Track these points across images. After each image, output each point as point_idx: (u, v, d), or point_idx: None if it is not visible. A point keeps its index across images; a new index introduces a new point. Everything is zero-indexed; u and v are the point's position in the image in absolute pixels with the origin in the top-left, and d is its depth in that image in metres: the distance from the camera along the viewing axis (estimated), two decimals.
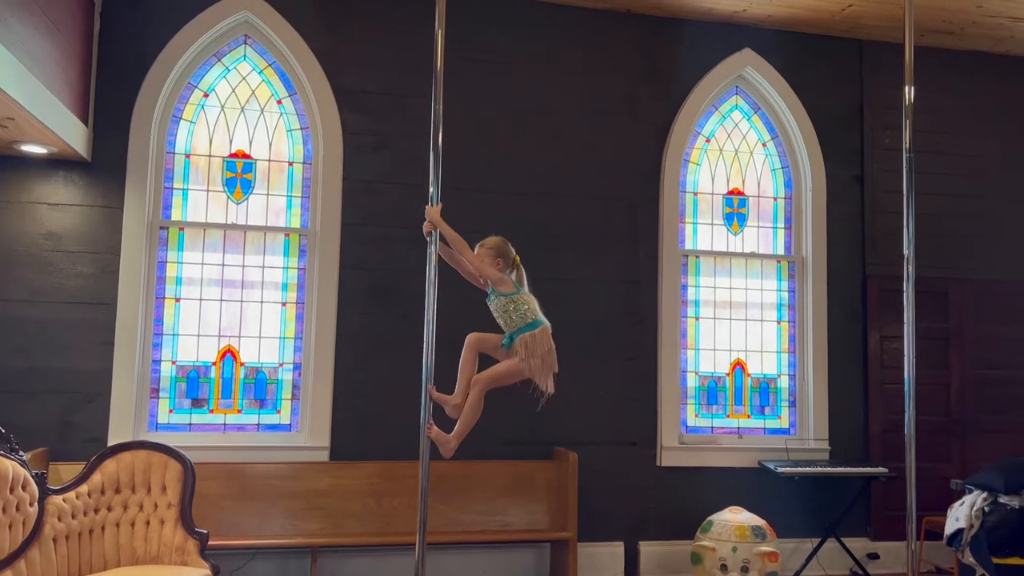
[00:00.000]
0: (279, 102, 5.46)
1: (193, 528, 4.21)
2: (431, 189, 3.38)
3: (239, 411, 5.23)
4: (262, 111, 5.44)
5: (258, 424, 5.25)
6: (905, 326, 3.85)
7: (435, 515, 5.14)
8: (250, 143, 5.41)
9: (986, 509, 4.92)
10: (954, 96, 6.38)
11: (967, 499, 5.08)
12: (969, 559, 4.86)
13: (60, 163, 4.96)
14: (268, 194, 5.41)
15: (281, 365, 5.31)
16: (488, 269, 3.38)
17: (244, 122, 5.40)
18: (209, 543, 4.22)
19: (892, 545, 5.93)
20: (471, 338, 3.48)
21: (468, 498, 5.22)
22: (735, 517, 5.19)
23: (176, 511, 4.24)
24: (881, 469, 5.65)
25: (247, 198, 5.38)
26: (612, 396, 5.65)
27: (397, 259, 5.40)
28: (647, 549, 5.60)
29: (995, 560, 4.79)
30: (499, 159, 5.61)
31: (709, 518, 5.27)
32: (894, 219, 6.20)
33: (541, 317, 3.39)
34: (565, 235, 5.63)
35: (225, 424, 5.20)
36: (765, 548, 5.02)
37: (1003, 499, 4.90)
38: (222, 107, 5.37)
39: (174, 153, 5.28)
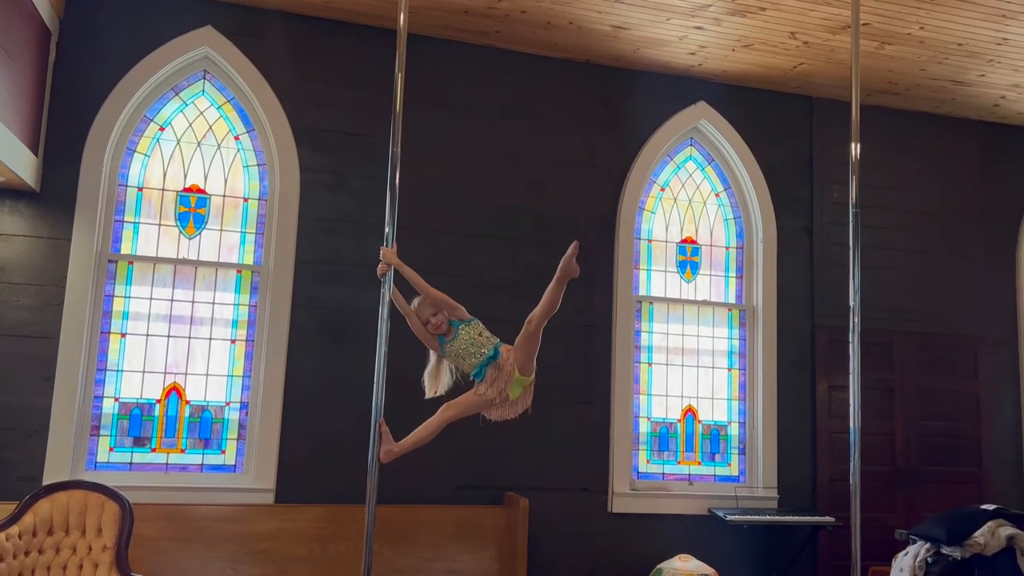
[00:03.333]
0: (236, 138, 5.44)
1: (129, 572, 4.08)
2: (387, 229, 3.37)
3: (182, 451, 5.10)
4: (219, 146, 5.40)
5: (202, 464, 5.12)
6: (851, 376, 3.92)
7: (380, 561, 5.03)
8: (205, 178, 5.36)
9: (929, 560, 4.98)
10: (899, 153, 6.60)
11: (911, 549, 5.14)
12: None
13: (7, 192, 4.85)
14: (221, 229, 5.35)
15: (228, 404, 5.20)
16: (447, 298, 3.37)
17: (200, 157, 5.36)
18: None
19: None
20: (445, 406, 3.42)
21: (415, 544, 5.13)
22: (684, 565, 5.18)
23: (111, 554, 4.11)
24: (828, 518, 5.70)
25: (200, 233, 5.31)
26: (565, 441, 5.64)
27: (350, 299, 5.36)
28: None
29: None
30: (455, 202, 5.63)
31: (659, 566, 5.25)
32: (842, 271, 6.33)
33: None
34: (520, 279, 5.65)
35: (167, 464, 5.06)
36: None
37: (945, 550, 4.97)
38: (178, 141, 5.33)
39: (126, 186, 5.20)
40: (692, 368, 6.06)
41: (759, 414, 6.04)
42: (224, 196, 5.38)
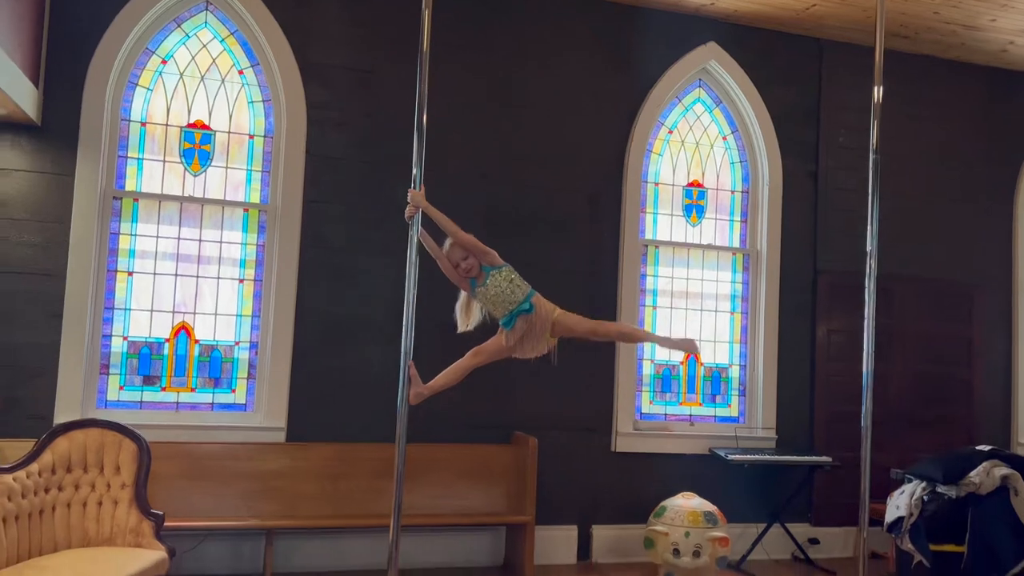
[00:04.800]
0: (241, 72, 5.30)
1: (148, 509, 4.10)
2: (415, 171, 3.32)
3: (192, 390, 5.09)
4: (223, 81, 5.26)
5: (212, 403, 5.12)
6: (865, 321, 3.98)
7: (391, 497, 5.08)
8: (209, 114, 5.23)
9: (925, 498, 5.14)
10: (904, 98, 6.56)
11: (907, 488, 5.29)
12: (908, 546, 5.07)
13: (7, 126, 4.71)
14: (227, 167, 5.25)
15: (237, 343, 5.19)
16: (478, 243, 3.35)
17: (204, 91, 5.22)
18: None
19: (832, 531, 6.15)
20: (472, 352, 3.43)
21: (427, 481, 5.20)
22: (687, 503, 5.31)
23: (130, 492, 4.12)
24: (825, 458, 5.84)
25: (205, 170, 5.21)
26: (570, 383, 5.69)
27: (360, 238, 5.32)
28: (600, 533, 5.68)
29: (932, 547, 5.01)
30: (460, 144, 5.55)
31: (662, 503, 5.37)
32: (846, 216, 6.40)
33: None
34: (526, 222, 5.62)
35: (178, 403, 5.06)
36: (717, 533, 5.15)
37: (941, 489, 5.12)
38: (181, 75, 5.18)
39: (129, 121, 5.07)
40: (695, 312, 6.11)
41: (760, 357, 6.13)
42: (229, 132, 5.26)
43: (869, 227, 4.03)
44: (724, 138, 6.28)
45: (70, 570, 3.50)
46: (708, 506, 5.30)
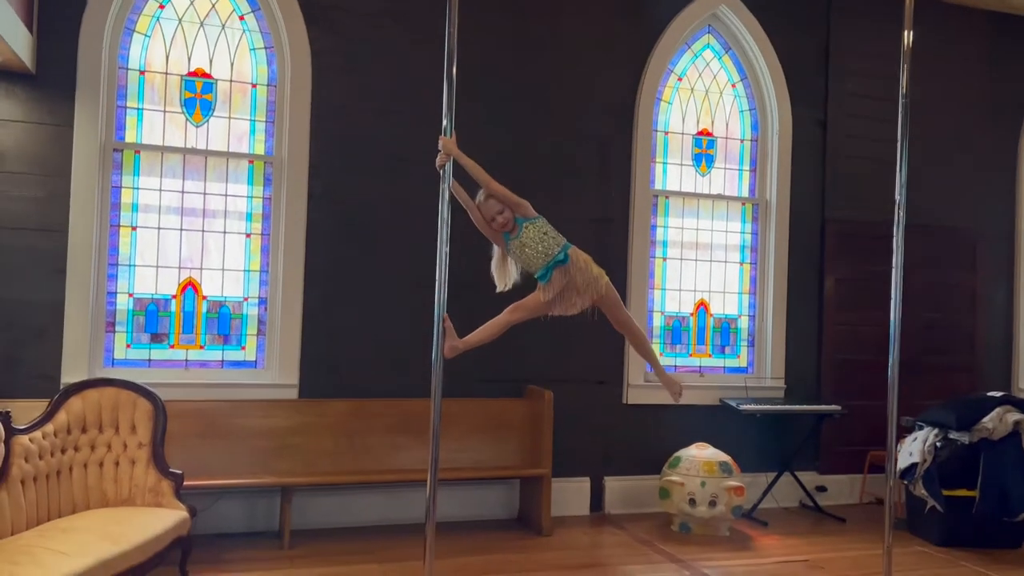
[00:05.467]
0: (241, 18, 5.09)
1: (167, 468, 4.03)
2: (444, 121, 3.20)
3: (201, 347, 4.98)
4: (223, 27, 5.05)
5: (222, 361, 5.02)
6: (894, 271, 3.97)
7: (407, 454, 5.09)
8: (210, 61, 5.03)
9: (938, 444, 5.19)
10: (920, 45, 6.45)
11: (919, 435, 5.34)
12: (921, 491, 5.13)
13: (1, 74, 4.50)
14: (230, 117, 5.07)
15: (246, 299, 5.07)
16: (512, 194, 3.26)
17: (203, 38, 5.01)
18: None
19: (839, 478, 6.22)
20: (512, 308, 3.36)
21: (442, 436, 5.14)
22: (702, 453, 5.32)
23: (148, 451, 4.04)
24: (835, 407, 5.87)
25: (207, 121, 5.03)
26: (580, 336, 5.63)
27: (370, 190, 5.19)
28: (612, 484, 5.69)
29: (944, 492, 5.07)
30: (469, 90, 5.40)
31: (676, 454, 5.38)
32: (854, 164, 6.35)
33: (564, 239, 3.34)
34: (535, 171, 5.50)
35: (187, 360, 4.95)
36: (732, 483, 5.17)
37: (953, 435, 5.17)
38: (179, 21, 4.97)
39: (127, 69, 4.87)
40: (705, 263, 6.07)
41: (769, 307, 6.11)
42: (231, 81, 5.07)
43: (898, 176, 4.01)
44: (733, 86, 6.18)
45: (98, 531, 3.42)
46: (722, 456, 5.32)
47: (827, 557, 4.85)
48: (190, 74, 4.99)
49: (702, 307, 6.06)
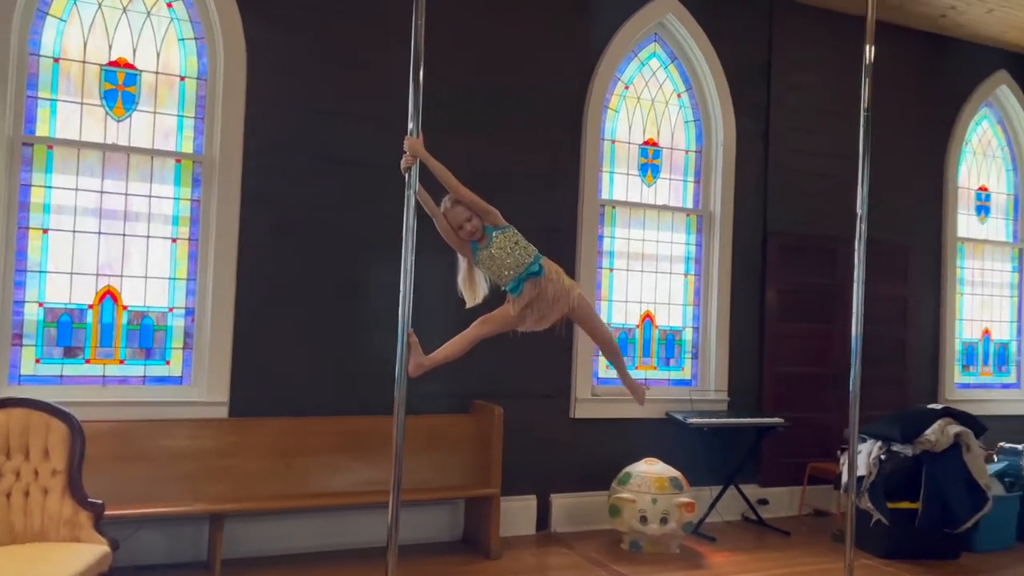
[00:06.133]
0: (169, 5, 4.71)
1: (86, 498, 3.62)
2: (410, 123, 2.96)
3: (121, 362, 4.56)
4: (148, 14, 4.66)
5: (144, 376, 4.61)
6: (855, 285, 3.90)
7: (348, 475, 4.80)
8: (134, 51, 4.63)
9: (882, 457, 5.22)
10: (843, 57, 6.55)
11: (863, 447, 5.36)
12: (867, 504, 5.14)
13: None
14: (155, 112, 4.68)
15: (171, 310, 4.67)
16: (480, 200, 3.05)
17: (127, 25, 4.61)
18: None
19: (779, 491, 6.22)
20: (480, 321, 3.14)
21: (385, 455, 4.86)
22: (652, 469, 5.21)
23: (63, 479, 3.62)
24: (779, 420, 5.86)
25: (130, 115, 4.62)
26: (527, 349, 5.41)
27: (310, 195, 4.88)
28: (559, 502, 5.52)
29: (888, 504, 5.10)
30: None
31: (626, 470, 5.25)
32: (795, 177, 6.39)
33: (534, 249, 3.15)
34: (483, 179, 5.23)
35: (105, 376, 4.52)
36: (683, 499, 5.07)
37: (897, 448, 5.22)
38: (99, 5, 4.55)
39: (39, 55, 4.42)
40: (651, 274, 5.98)
41: (712, 319, 6.07)
42: (157, 73, 4.68)
43: (859, 190, 3.95)
44: (679, 96, 6.12)
45: (7, 573, 3.01)
46: (672, 471, 5.22)
47: (780, 574, 4.79)
48: (111, 64, 4.58)
49: (648, 319, 5.97)
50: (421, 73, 2.97)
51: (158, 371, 4.64)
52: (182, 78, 4.73)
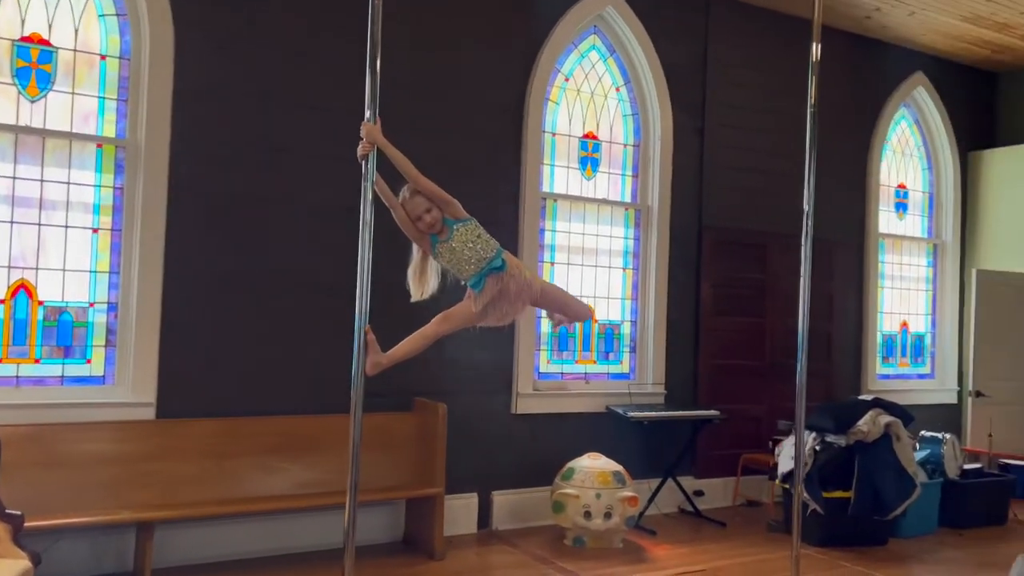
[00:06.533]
0: None
1: (3, 509, 3.34)
2: (368, 111, 2.81)
3: (37, 361, 4.24)
4: None
5: (62, 376, 4.29)
6: (801, 279, 3.97)
7: (284, 477, 4.61)
8: (49, 26, 4.30)
9: (817, 448, 5.34)
10: (772, 55, 6.67)
11: None
12: (803, 494, 5.23)
13: None
14: (73, 92, 4.36)
15: (92, 305, 4.37)
16: (441, 191, 2.93)
17: None
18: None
19: (714, 482, 6.30)
20: (440, 318, 3.02)
21: (322, 455, 4.69)
22: (595, 463, 5.18)
23: None
24: (715, 412, 5.93)
25: (45, 95, 4.29)
26: (468, 344, 5.31)
27: (245, 183, 4.64)
28: (500, 499, 5.44)
29: (824, 494, 5.22)
30: (355, 82, 4.96)
31: (569, 465, 5.21)
32: (728, 173, 6.47)
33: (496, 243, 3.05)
34: (423, 171, 5.11)
35: (18, 377, 4.19)
36: (627, 493, 5.07)
37: (830, 438, 5.34)
38: None
39: None
40: (591, 268, 5.95)
41: (650, 313, 6.09)
42: (75, 51, 4.36)
43: (806, 188, 4.01)
44: (617, 89, 6.11)
45: None
46: (615, 466, 5.21)
47: (722, 565, 4.84)
48: (24, 39, 4.23)
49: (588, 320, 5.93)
50: (378, 62, 2.81)
51: (78, 371, 4.33)
52: (103, 57, 4.42)
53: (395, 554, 4.83)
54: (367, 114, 2.81)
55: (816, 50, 3.96)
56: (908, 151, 7.69)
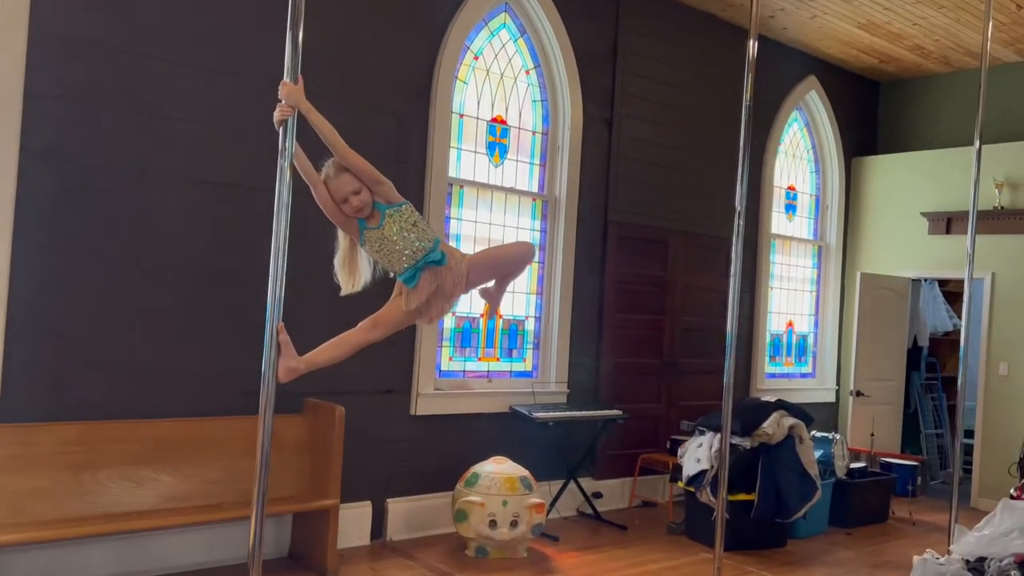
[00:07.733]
0: None
1: None
2: (287, 60, 2.38)
3: None
4: None
5: None
6: (731, 278, 3.80)
7: (157, 487, 4.05)
8: None
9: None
10: (698, 56, 6.60)
11: (704, 440, 5.37)
12: (708, 498, 5.14)
13: None
14: None
15: None
16: (372, 169, 2.52)
17: None
18: None
19: (612, 483, 6.14)
20: (370, 324, 2.62)
21: (201, 463, 4.15)
22: (501, 468, 4.89)
23: None
24: (618, 412, 5.76)
25: None
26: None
27: (114, 151, 4.02)
28: (396, 507, 5.04)
29: (728, 497, 5.13)
30: (260, 54, 4.42)
31: (473, 470, 4.89)
32: (634, 167, 6.31)
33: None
34: (322, 150, 4.68)
35: None
36: (534, 500, 4.80)
37: (736, 440, 5.27)
38: None
39: None
40: None
41: (555, 309, 5.84)
42: None
43: (739, 186, 3.85)
44: (527, 72, 5.81)
45: None
46: (522, 471, 4.93)
47: (634, 573, 4.65)
48: None
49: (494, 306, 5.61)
50: (300, 33, 2.38)
51: None
52: None
53: (282, 571, 4.36)
54: (287, 61, 2.37)
55: (753, 48, 3.83)
56: (798, 153, 7.82)
